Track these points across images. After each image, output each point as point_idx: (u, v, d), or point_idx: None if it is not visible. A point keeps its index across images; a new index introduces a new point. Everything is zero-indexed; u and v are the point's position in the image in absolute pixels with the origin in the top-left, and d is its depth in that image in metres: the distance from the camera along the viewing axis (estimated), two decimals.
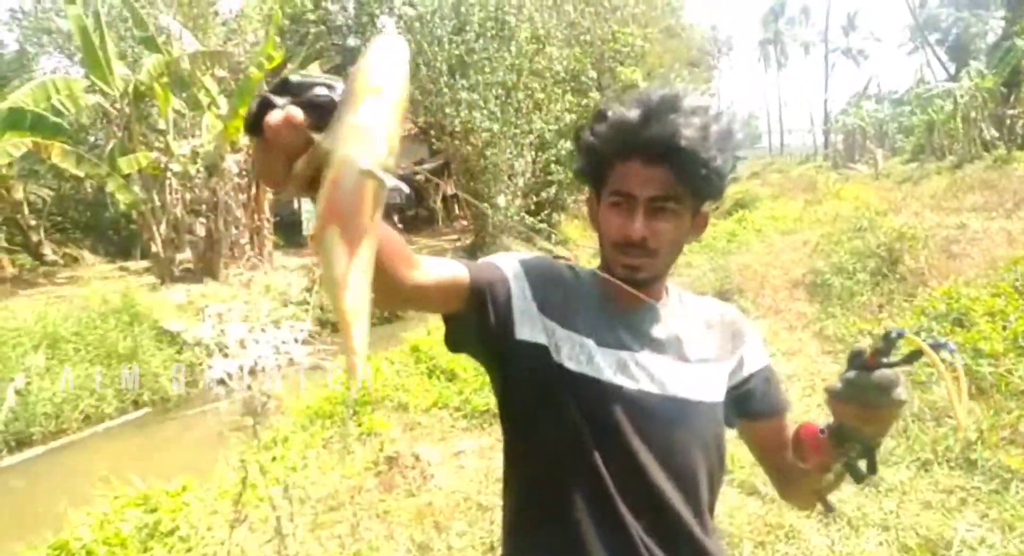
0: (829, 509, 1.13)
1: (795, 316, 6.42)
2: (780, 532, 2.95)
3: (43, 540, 3.41)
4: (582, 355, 1.01)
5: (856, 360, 0.91)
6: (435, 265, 0.94)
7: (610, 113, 1.00)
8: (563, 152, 15.36)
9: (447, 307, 0.99)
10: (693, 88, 1.04)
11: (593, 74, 17.18)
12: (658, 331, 1.07)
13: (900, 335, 0.87)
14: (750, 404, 1.12)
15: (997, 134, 19.56)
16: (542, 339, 1.02)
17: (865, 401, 0.89)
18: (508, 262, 1.07)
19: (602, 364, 1.01)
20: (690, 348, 1.07)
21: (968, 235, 7.08)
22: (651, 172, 0.97)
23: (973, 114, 20.36)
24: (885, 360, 0.88)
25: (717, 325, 1.12)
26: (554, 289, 1.06)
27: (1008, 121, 19.41)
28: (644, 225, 0.97)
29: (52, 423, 7.28)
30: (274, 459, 4.32)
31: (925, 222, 7.32)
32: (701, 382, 1.05)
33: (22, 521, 5.07)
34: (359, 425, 4.82)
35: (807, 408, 4.30)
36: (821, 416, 4.13)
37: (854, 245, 7.34)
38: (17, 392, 7.15)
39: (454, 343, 1.04)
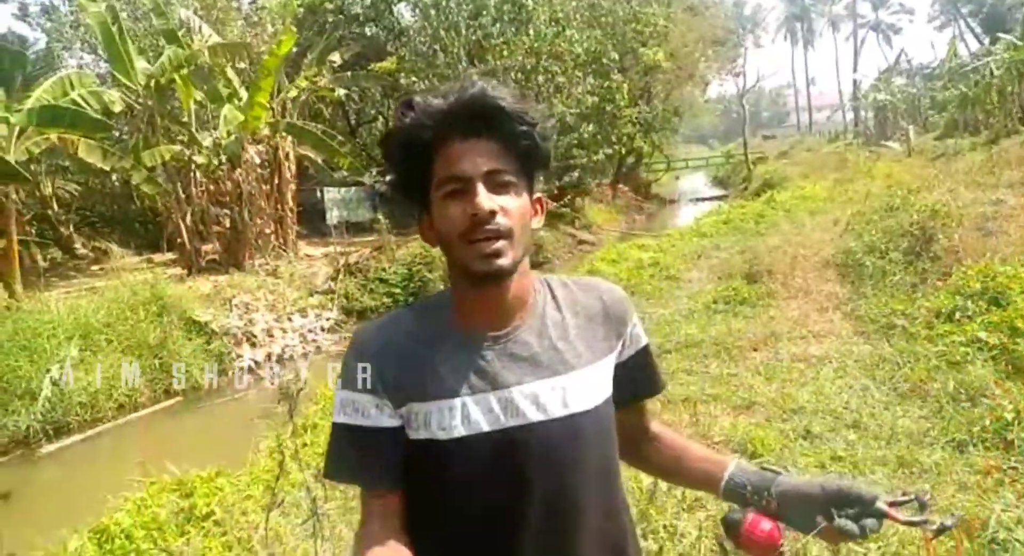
0: None
1: (825, 297, 6.31)
2: None
3: (84, 525, 3.50)
4: (456, 419, 0.93)
5: (864, 505, 0.92)
6: (392, 529, 0.95)
7: (416, 99, 0.94)
8: (586, 135, 15.24)
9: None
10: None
11: (615, 56, 16.97)
12: (535, 346, 0.97)
13: (924, 502, 0.92)
14: (620, 389, 1.05)
15: None
16: (414, 434, 0.96)
17: (848, 538, 0.93)
18: (359, 409, 0.96)
19: (481, 417, 0.93)
20: (573, 353, 0.99)
21: (1004, 212, 6.89)
22: (476, 144, 0.91)
23: (1009, 87, 19.77)
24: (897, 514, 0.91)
25: (598, 314, 1.04)
26: (399, 369, 0.96)
27: None
28: (489, 199, 0.89)
29: (88, 412, 7.46)
30: (304, 445, 4.36)
31: (959, 199, 7.14)
32: (591, 386, 0.99)
33: (64, 506, 5.21)
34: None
35: (839, 390, 4.23)
36: (853, 399, 4.07)
37: (886, 224, 7.18)
38: (53, 382, 7.33)
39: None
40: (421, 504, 0.99)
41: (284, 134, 12.54)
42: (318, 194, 16.11)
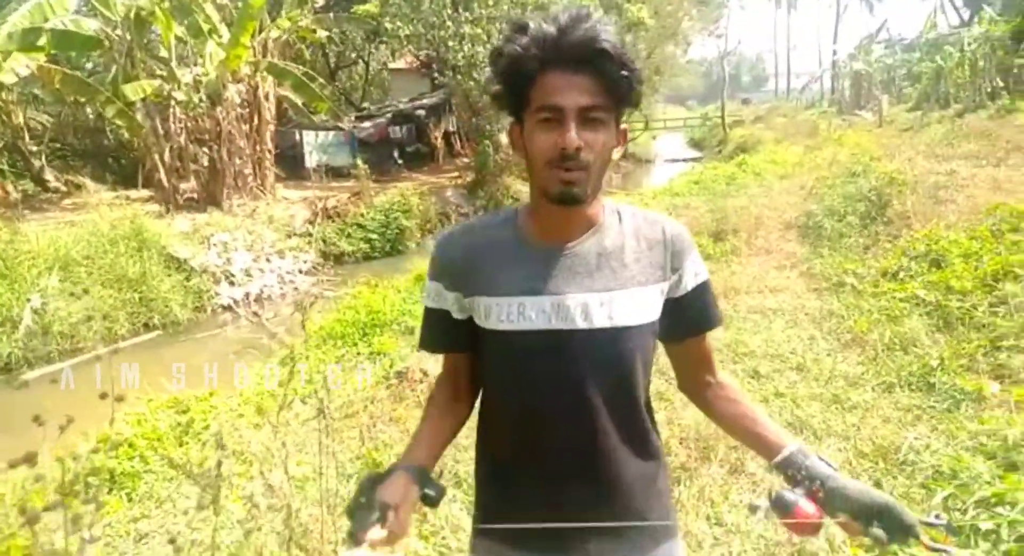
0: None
1: (785, 256, 6.70)
2: None
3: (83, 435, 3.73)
4: (513, 314, 1.08)
5: (901, 525, 0.98)
6: (451, 385, 1.24)
7: (531, 25, 1.01)
8: None
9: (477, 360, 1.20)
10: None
11: (600, 11, 16.88)
12: (593, 263, 1.09)
13: (953, 529, 1.00)
14: (680, 322, 1.16)
15: (1002, 84, 19.44)
16: (478, 322, 1.14)
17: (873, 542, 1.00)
18: (430, 294, 1.18)
19: (534, 315, 1.07)
20: (626, 274, 1.09)
21: (956, 181, 7.30)
22: (576, 79, 0.99)
23: (981, 62, 20.17)
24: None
25: (657, 243, 1.12)
26: (472, 268, 1.13)
27: (1015, 70, 19.25)
28: (577, 135, 0.99)
29: (68, 342, 7.59)
30: (291, 373, 4.62)
31: (916, 168, 7.52)
32: (637, 305, 1.09)
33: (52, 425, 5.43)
34: (369, 346, 5.14)
35: (788, 338, 4.62)
36: (799, 346, 4.45)
37: (847, 189, 7.55)
38: (34, 312, 7.42)
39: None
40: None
41: (265, 74, 12.41)
42: (296, 137, 16.00)
